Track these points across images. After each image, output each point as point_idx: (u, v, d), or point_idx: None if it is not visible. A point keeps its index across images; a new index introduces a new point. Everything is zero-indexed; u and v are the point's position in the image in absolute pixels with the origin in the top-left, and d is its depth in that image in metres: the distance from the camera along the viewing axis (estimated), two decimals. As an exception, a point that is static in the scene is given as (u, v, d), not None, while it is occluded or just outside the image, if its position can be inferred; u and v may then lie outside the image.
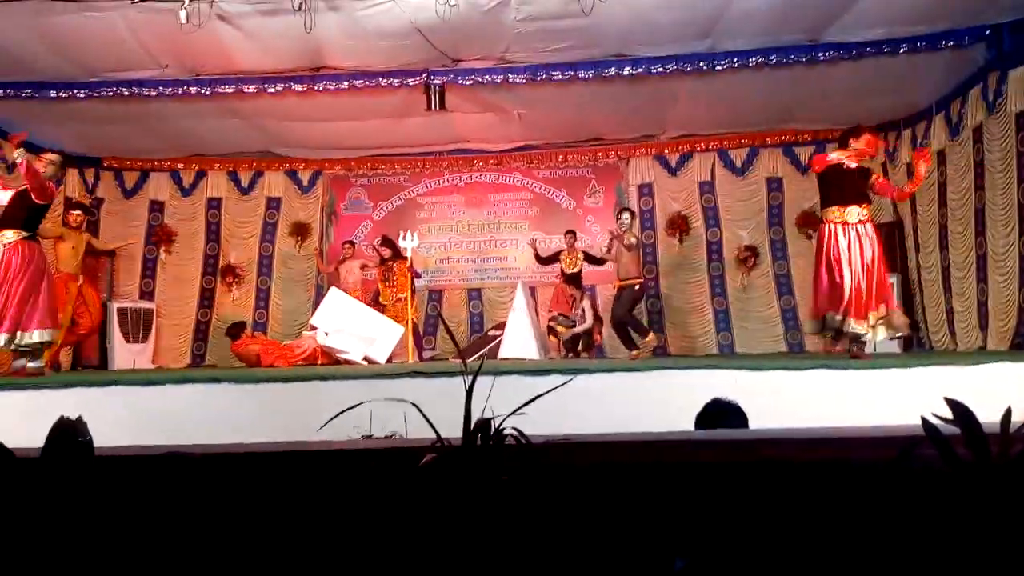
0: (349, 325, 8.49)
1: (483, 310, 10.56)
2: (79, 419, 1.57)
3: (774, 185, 10.15)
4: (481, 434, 1.26)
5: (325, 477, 1.41)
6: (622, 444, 1.48)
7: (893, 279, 8.84)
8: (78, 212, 8.59)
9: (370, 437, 3.48)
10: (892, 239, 9.23)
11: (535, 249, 9.18)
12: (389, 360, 8.46)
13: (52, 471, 1.43)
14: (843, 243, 5.73)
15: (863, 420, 3.00)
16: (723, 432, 2.19)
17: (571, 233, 9.30)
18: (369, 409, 1.75)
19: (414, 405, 1.46)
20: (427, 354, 9.83)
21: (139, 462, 1.71)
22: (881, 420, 2.94)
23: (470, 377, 1.44)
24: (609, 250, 8.10)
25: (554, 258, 9.14)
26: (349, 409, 1.64)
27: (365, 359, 8.27)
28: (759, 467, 1.37)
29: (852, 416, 3.60)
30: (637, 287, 7.89)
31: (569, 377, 3.59)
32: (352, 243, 10.06)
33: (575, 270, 9.02)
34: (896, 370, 4.52)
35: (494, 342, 9.18)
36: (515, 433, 1.29)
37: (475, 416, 1.38)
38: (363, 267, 9.76)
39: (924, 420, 1.37)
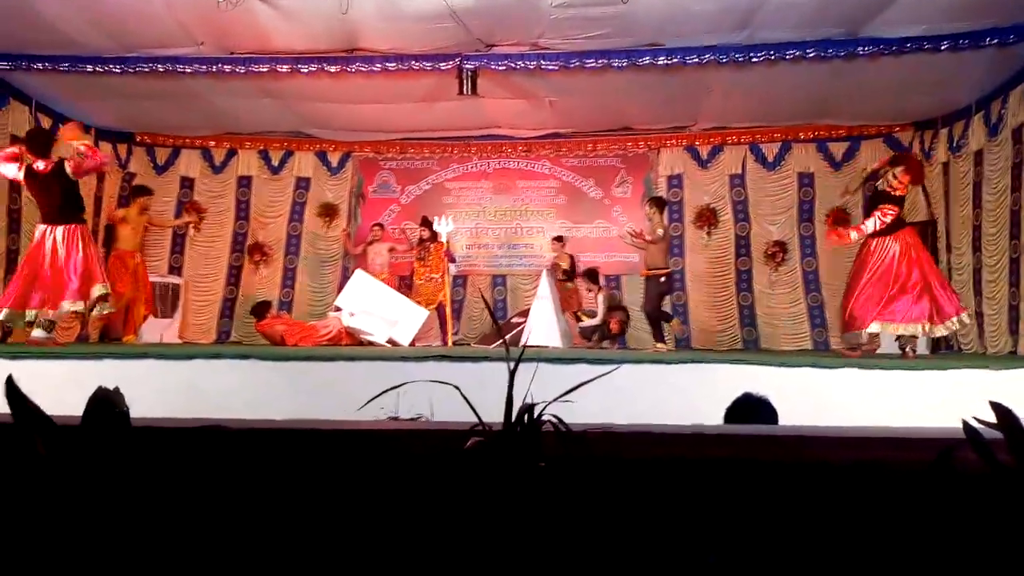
0: (373, 307, 8.55)
1: (507, 297, 10.57)
2: (116, 390, 1.59)
3: (806, 180, 10.03)
4: (523, 420, 1.26)
5: (361, 457, 1.42)
6: (659, 435, 1.48)
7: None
8: (147, 197, 8.94)
9: (396, 419, 3.50)
10: (923, 239, 9.09)
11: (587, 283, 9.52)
12: (413, 343, 8.51)
13: (92, 439, 1.45)
14: None
15: (894, 421, 2.97)
16: (761, 428, 2.17)
17: (558, 239, 9.87)
18: (396, 391, 1.76)
19: (456, 388, 1.46)
20: (449, 338, 9.87)
21: (173, 434, 1.73)
22: (913, 422, 2.90)
23: (506, 362, 1.44)
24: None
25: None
26: (391, 389, 1.65)
27: (389, 341, 8.32)
28: (799, 466, 1.37)
29: (883, 417, 3.57)
30: (663, 279, 7.86)
31: (614, 367, 3.55)
32: (381, 225, 10.09)
33: (568, 267, 9.45)
34: (929, 372, 4.47)
35: (516, 329, 9.20)
36: (553, 420, 1.29)
37: (497, 401, 1.37)
38: (391, 250, 9.80)
39: (965, 423, 1.35)
